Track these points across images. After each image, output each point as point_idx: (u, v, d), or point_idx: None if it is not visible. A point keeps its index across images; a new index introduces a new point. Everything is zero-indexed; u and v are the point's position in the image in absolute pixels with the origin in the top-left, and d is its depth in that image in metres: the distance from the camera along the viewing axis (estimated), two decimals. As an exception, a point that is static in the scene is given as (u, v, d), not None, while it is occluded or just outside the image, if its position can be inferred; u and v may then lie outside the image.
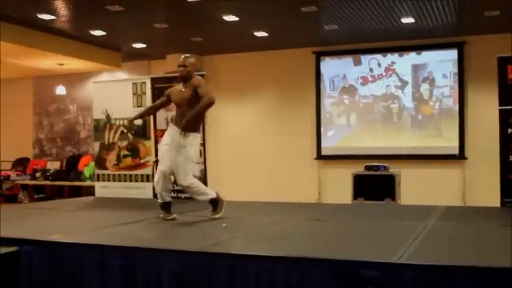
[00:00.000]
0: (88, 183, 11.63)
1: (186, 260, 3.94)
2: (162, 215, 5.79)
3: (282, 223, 5.65)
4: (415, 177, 10.09)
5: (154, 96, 8.29)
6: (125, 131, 8.47)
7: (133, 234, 5.13)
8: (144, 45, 11.47)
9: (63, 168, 13.16)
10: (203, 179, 8.04)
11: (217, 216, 5.69)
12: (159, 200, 5.79)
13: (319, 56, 11.61)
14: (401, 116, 11.10)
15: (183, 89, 5.66)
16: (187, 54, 5.81)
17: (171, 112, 8.17)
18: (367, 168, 9.02)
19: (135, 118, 6.29)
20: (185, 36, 10.68)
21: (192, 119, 5.48)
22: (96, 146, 8.89)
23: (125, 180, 8.51)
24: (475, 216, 6.41)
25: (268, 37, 10.62)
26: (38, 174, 12.91)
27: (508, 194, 6.77)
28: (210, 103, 5.50)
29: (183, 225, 5.71)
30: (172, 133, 5.66)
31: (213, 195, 5.75)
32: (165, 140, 5.72)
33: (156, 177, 5.73)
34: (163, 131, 8.19)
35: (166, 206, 5.79)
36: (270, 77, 11.93)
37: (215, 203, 5.76)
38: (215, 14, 9.01)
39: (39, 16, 9.11)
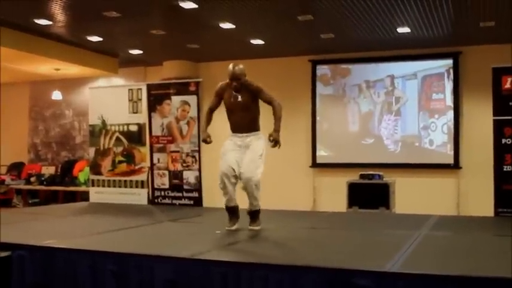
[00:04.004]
0: (83, 188, 11.60)
1: (179, 267, 3.94)
2: (226, 226, 5.57)
3: (276, 231, 5.64)
4: (410, 186, 10.10)
5: (150, 103, 8.31)
6: (121, 137, 8.49)
7: (127, 240, 5.13)
8: (141, 52, 11.49)
9: (58, 173, 13.12)
10: (198, 185, 8.06)
11: (257, 228, 5.52)
12: (225, 203, 5.57)
13: (315, 64, 11.65)
14: (397, 125, 11.13)
15: (239, 96, 5.49)
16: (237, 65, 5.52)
17: (167, 119, 8.20)
18: (362, 176, 9.02)
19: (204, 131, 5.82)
20: (182, 43, 10.70)
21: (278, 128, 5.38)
22: (91, 152, 8.89)
23: (120, 186, 8.50)
24: (469, 225, 6.42)
25: (264, 45, 10.65)
26: (32, 179, 12.88)
27: (501, 204, 6.79)
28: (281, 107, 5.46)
29: (176, 232, 5.71)
30: (234, 140, 5.53)
31: (260, 206, 5.59)
32: (228, 145, 5.55)
33: (219, 178, 5.44)
34: (158, 137, 8.25)
35: (231, 211, 5.59)
36: (266, 84, 11.68)
37: (256, 215, 5.60)
38: (212, 22, 9.04)
39: (36, 21, 9.11)
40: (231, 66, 5.48)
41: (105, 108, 8.65)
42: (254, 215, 5.60)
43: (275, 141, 5.35)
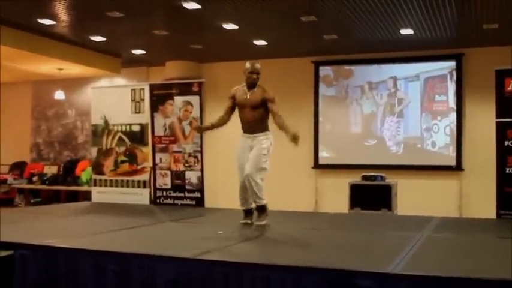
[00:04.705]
0: (85, 188, 11.61)
1: (181, 267, 3.94)
2: (241, 220, 6.00)
3: (278, 231, 5.64)
4: (412, 187, 10.10)
5: (153, 103, 8.32)
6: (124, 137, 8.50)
7: (129, 240, 5.13)
8: (144, 52, 11.50)
9: (60, 172, 13.13)
10: (200, 185, 8.07)
11: (262, 223, 5.76)
12: (241, 207, 5.99)
13: (318, 66, 11.64)
14: (399, 126, 11.12)
15: (249, 95, 5.82)
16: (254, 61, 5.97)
17: (169, 119, 8.21)
18: (364, 178, 9.01)
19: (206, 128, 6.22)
20: (185, 44, 10.70)
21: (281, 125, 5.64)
22: (93, 151, 8.90)
23: (122, 186, 8.50)
24: (471, 227, 6.42)
25: (267, 46, 10.65)
26: (35, 179, 12.88)
27: (504, 206, 6.78)
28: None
29: (178, 232, 5.71)
30: (243, 143, 5.82)
31: (265, 202, 5.83)
32: (239, 151, 5.83)
33: (239, 186, 5.84)
34: (161, 138, 8.26)
35: (247, 212, 5.98)
36: (269, 85, 11.72)
37: (263, 210, 5.83)
38: (215, 22, 9.04)
39: (39, 21, 9.13)
40: (249, 62, 5.93)
41: (108, 108, 8.65)
42: (259, 210, 5.81)
43: (295, 139, 5.54)
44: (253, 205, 5.89)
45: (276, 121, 5.65)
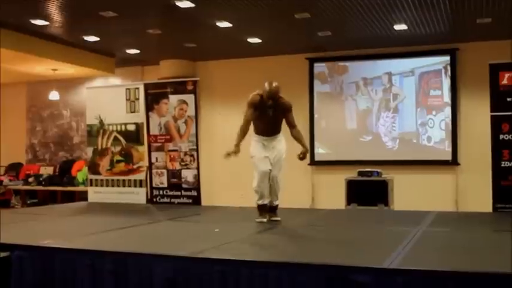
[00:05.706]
0: (81, 188, 11.58)
1: (178, 265, 3.94)
2: (256, 218, 6.00)
3: (275, 228, 5.66)
4: (408, 182, 10.11)
5: (147, 102, 8.31)
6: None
7: (126, 239, 5.13)
8: (138, 51, 11.47)
9: (56, 173, 13.10)
10: (196, 184, 8.07)
11: (279, 218, 6.00)
12: (259, 202, 5.99)
13: (312, 62, 11.64)
14: (395, 122, 11.14)
15: (271, 112, 5.93)
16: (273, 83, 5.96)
17: (165, 118, 8.20)
18: (361, 173, 9.03)
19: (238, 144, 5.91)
20: (179, 42, 10.69)
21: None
22: (89, 151, 8.89)
23: (118, 186, 8.51)
24: (467, 221, 6.44)
25: (261, 43, 10.64)
26: (31, 179, 12.84)
27: (499, 200, 6.82)
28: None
29: (175, 231, 5.72)
30: (260, 140, 6.00)
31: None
32: (258, 146, 5.97)
33: (259, 178, 5.87)
34: (156, 137, 8.25)
35: (263, 208, 6.01)
36: (264, 83, 11.91)
37: (276, 209, 6.10)
38: (208, 20, 9.03)
39: (33, 22, 9.10)
40: (267, 84, 5.89)
41: (103, 108, 8.65)
42: (275, 208, 6.07)
43: (304, 158, 6.04)
44: (269, 203, 6.04)
45: (293, 133, 6.04)
